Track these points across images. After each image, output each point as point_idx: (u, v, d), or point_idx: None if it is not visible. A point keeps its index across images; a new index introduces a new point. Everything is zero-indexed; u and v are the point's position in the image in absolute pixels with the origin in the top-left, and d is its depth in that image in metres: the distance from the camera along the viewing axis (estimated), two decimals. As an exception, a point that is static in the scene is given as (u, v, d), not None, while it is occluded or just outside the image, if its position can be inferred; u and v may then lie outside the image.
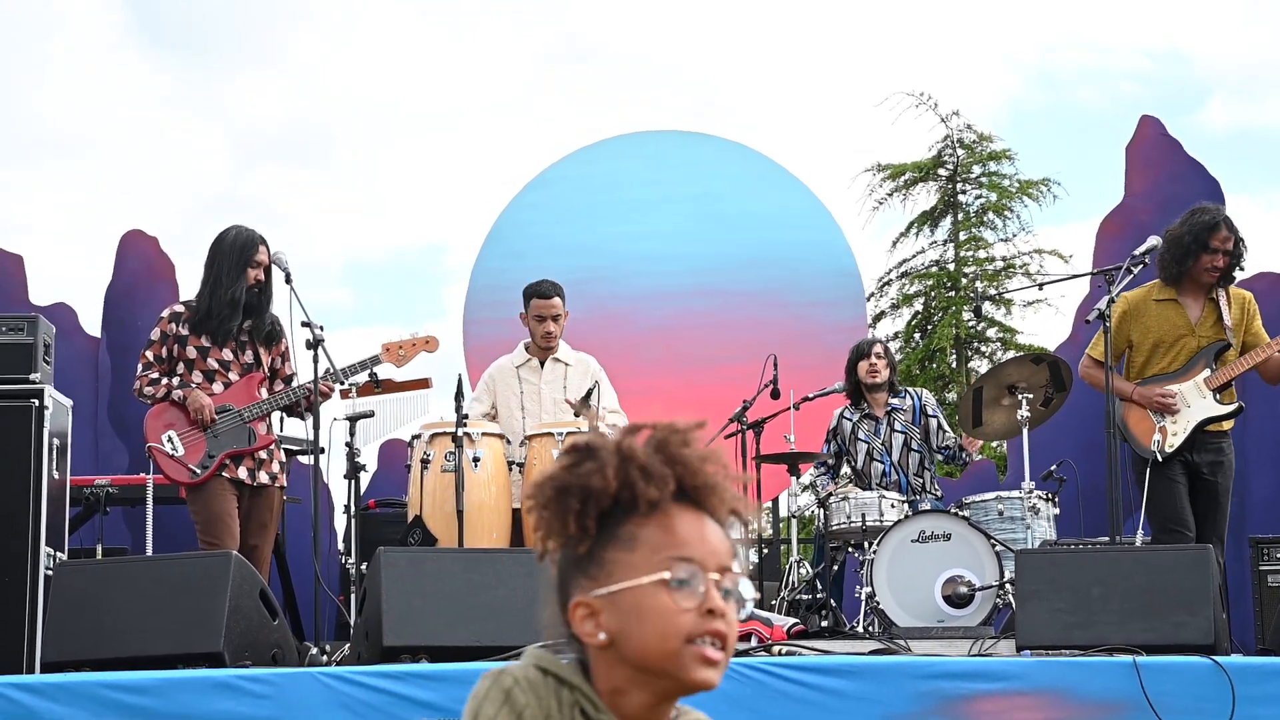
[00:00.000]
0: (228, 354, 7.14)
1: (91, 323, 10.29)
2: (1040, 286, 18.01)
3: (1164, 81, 27.25)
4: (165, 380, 7.07)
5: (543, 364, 8.02)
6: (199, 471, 6.95)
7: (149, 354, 7.14)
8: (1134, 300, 7.33)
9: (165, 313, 7.25)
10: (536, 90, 27.28)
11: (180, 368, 7.12)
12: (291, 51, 28.60)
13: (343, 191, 29.32)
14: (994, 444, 15.87)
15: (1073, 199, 19.50)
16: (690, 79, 26.52)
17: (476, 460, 7.32)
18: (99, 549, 8.35)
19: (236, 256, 7.14)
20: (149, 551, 8.13)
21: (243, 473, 7.03)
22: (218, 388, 7.10)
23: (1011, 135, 29.62)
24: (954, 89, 27.94)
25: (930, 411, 8.67)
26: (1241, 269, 7.37)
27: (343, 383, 7.24)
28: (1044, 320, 31.91)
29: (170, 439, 7.01)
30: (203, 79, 27.88)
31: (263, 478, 7.08)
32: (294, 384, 7.28)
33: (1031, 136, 30.13)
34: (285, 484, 7.33)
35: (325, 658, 6.32)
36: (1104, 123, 26.64)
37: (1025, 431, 7.70)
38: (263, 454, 7.11)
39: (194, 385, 7.06)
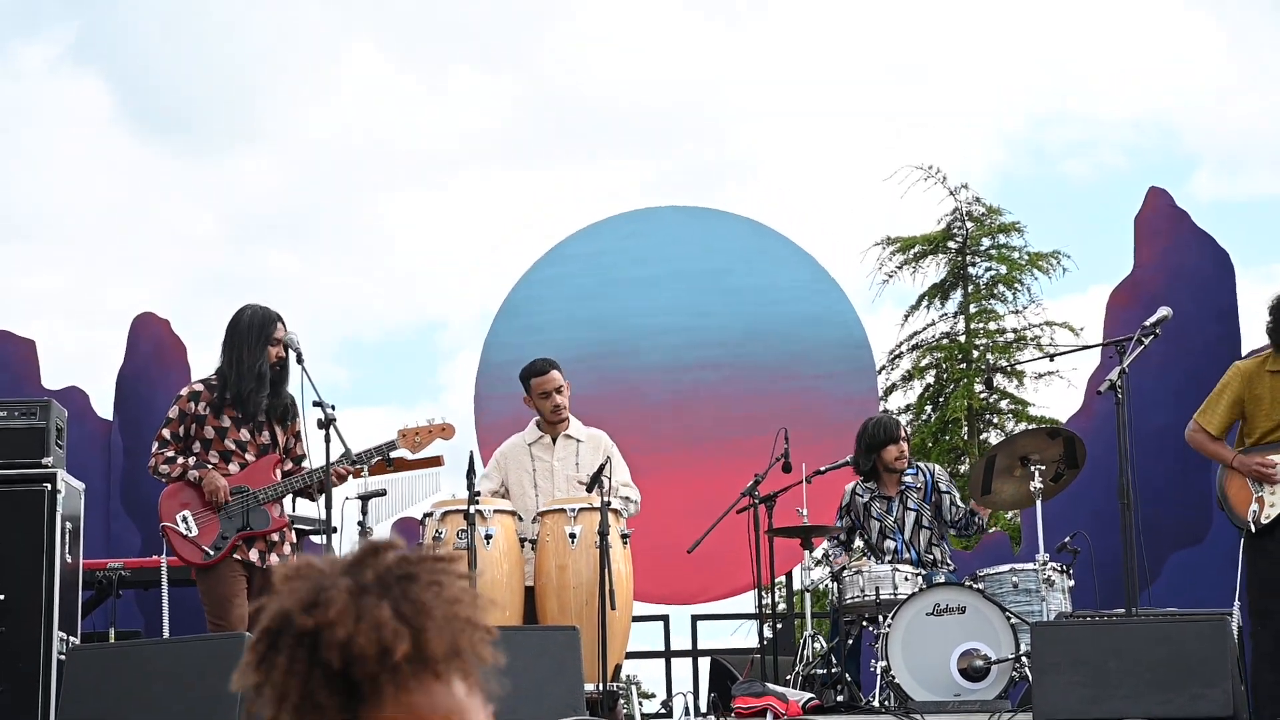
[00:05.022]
0: (245, 434, 7.13)
1: (104, 405, 10.32)
2: (1051, 358, 17.98)
3: (1151, 153, 27.28)
4: (181, 459, 7.06)
5: (555, 440, 8.04)
6: (212, 553, 6.93)
7: (165, 432, 7.13)
8: (1247, 370, 7.14)
9: (184, 391, 7.24)
10: (537, 168, 27.41)
11: (196, 446, 7.10)
12: (279, 131, 28.71)
13: (336, 269, 29.37)
14: (1007, 515, 15.79)
15: (1067, 271, 19.46)
16: (699, 154, 26.65)
17: (489, 538, 7.31)
18: (112, 632, 8.33)
19: (257, 333, 7.13)
20: (166, 634, 8.10)
21: (254, 555, 7.01)
22: (234, 468, 7.09)
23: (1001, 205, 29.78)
24: (948, 160, 27.99)
25: (943, 487, 8.62)
26: None
27: (358, 467, 7.22)
28: (1056, 393, 31.83)
29: (184, 519, 6.99)
30: (192, 159, 28.05)
31: (273, 560, 7.05)
32: (305, 464, 7.27)
33: (1019, 208, 30.21)
34: None
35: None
36: (1091, 195, 26.64)
37: (1039, 504, 7.68)
38: (274, 536, 7.10)
39: (210, 465, 7.05)
